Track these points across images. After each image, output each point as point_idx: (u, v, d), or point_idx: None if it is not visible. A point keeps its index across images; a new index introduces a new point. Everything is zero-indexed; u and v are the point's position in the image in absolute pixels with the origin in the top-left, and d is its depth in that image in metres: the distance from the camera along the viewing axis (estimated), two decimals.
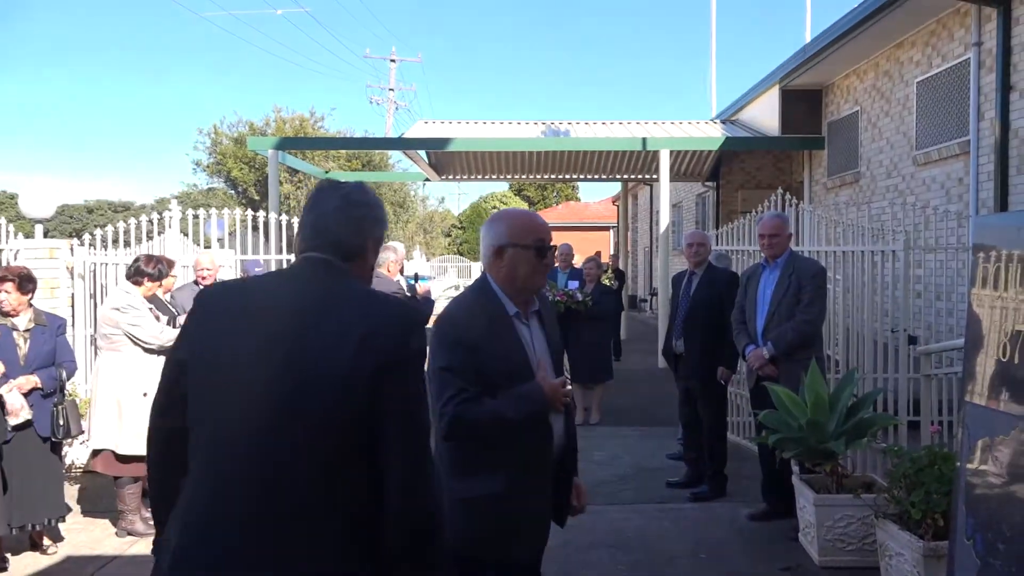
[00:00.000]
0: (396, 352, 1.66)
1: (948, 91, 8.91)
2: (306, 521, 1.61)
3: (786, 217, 5.27)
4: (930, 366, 5.79)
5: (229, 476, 1.65)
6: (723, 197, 14.83)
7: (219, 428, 1.69)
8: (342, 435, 1.63)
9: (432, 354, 2.26)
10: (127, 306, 5.01)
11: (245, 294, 1.87)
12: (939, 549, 3.57)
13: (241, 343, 1.71)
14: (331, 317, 1.69)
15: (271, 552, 1.61)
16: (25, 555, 4.69)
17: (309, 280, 1.79)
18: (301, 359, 1.65)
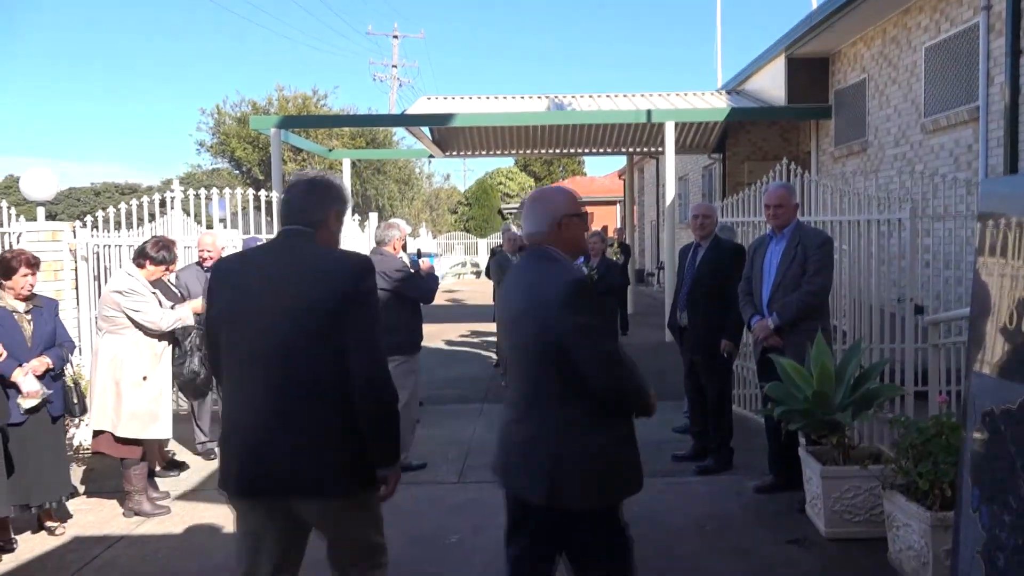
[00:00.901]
0: (353, 288, 2.52)
1: (957, 56, 8.77)
2: (313, 395, 2.50)
3: (792, 187, 5.20)
4: (938, 336, 5.73)
5: (260, 375, 2.52)
6: (729, 169, 14.71)
7: (248, 346, 2.55)
8: (326, 342, 2.49)
9: (581, 312, 2.62)
10: (129, 289, 4.99)
11: (247, 260, 2.78)
12: (947, 519, 3.55)
13: (253, 290, 2.58)
14: (312, 267, 2.57)
15: (296, 416, 2.50)
16: (34, 537, 4.71)
17: (290, 246, 2.63)
18: (295, 295, 2.52)
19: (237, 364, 2.59)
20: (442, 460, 6.12)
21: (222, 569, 4.21)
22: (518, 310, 2.76)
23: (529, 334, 2.70)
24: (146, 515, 5.02)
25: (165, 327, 5.08)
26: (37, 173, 6.96)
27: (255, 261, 2.70)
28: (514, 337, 2.80)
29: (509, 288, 2.88)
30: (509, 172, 55.83)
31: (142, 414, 4.98)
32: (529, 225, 2.85)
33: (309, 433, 2.49)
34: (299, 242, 2.63)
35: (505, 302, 2.91)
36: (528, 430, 2.71)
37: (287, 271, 2.57)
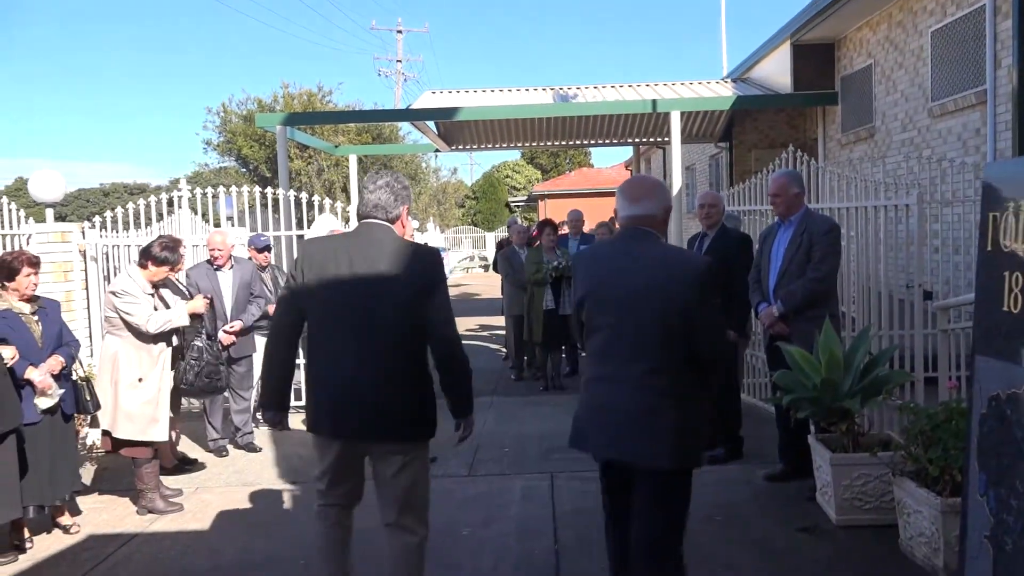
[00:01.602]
0: (434, 276, 3.16)
1: (963, 39, 8.69)
2: (404, 359, 3.12)
3: (794, 175, 5.16)
4: (947, 321, 5.70)
5: (353, 342, 3.09)
6: (736, 157, 14.62)
7: (342, 317, 3.11)
8: (410, 317, 3.09)
9: (710, 290, 2.97)
10: (122, 290, 5.00)
11: (332, 243, 3.35)
12: (958, 505, 3.51)
13: (338, 270, 3.12)
14: (397, 256, 3.14)
15: (384, 374, 3.08)
16: (48, 536, 4.75)
17: (378, 238, 3.19)
18: (384, 275, 3.09)
19: (331, 332, 3.15)
20: (452, 453, 6.13)
21: (236, 566, 4.25)
22: (641, 285, 2.95)
23: (657, 308, 2.91)
24: (159, 512, 5.06)
25: (151, 330, 5.01)
26: (45, 175, 6.99)
27: (348, 244, 3.22)
28: (629, 312, 2.97)
29: (615, 264, 3.07)
30: (516, 165, 55.77)
31: (137, 416, 4.99)
32: (639, 208, 3.09)
33: (391, 390, 3.10)
34: (384, 234, 3.20)
35: (611, 277, 3.05)
36: (648, 400, 2.92)
37: (378, 256, 3.13)
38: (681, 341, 2.90)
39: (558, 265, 8.15)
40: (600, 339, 3.07)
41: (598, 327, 3.08)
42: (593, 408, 3.09)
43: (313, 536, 3.44)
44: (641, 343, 2.95)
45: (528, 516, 4.79)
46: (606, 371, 3.04)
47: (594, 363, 3.12)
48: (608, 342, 3.04)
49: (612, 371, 3.02)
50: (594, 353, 3.10)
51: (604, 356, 3.06)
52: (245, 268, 6.56)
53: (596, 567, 4.01)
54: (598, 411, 3.06)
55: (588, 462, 5.67)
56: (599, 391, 3.07)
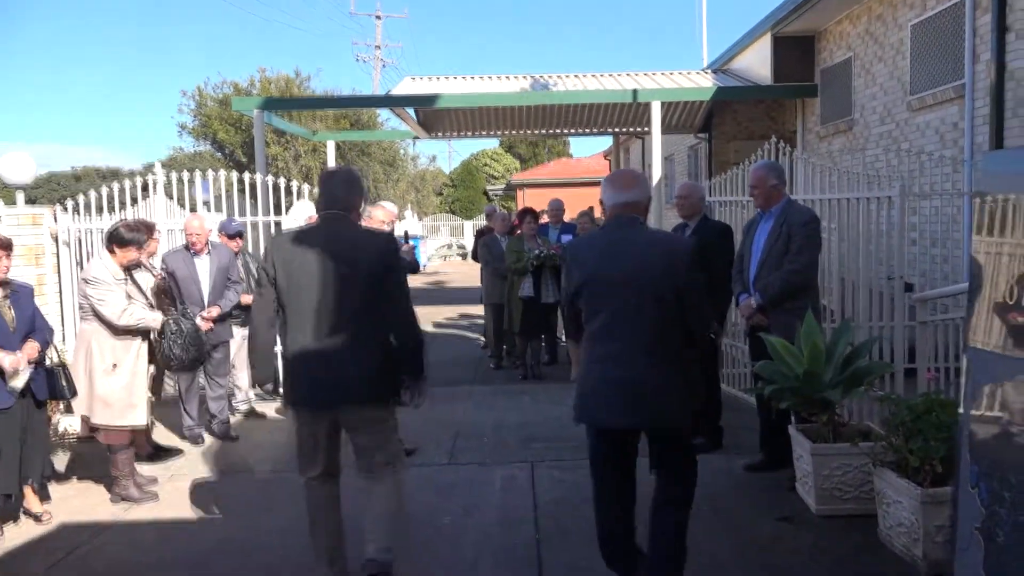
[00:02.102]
0: (389, 257, 3.56)
1: (943, 34, 8.75)
2: (364, 332, 3.49)
3: (772, 166, 5.17)
4: (926, 313, 5.75)
5: (323, 322, 3.48)
6: (715, 149, 14.67)
7: (313, 299, 3.48)
8: (372, 296, 3.49)
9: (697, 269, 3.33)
10: (94, 278, 4.90)
11: (299, 236, 3.66)
12: (938, 495, 3.56)
13: (309, 259, 3.50)
14: (357, 243, 3.55)
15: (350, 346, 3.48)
16: (19, 524, 4.66)
17: (336, 226, 3.59)
18: (347, 262, 3.48)
19: (302, 316, 3.51)
20: (432, 442, 6.10)
21: (212, 554, 4.19)
22: (639, 267, 3.27)
23: (654, 287, 3.24)
24: (134, 501, 4.98)
25: (120, 324, 4.90)
26: (15, 156, 6.86)
27: (310, 237, 3.60)
28: (630, 292, 3.26)
29: (613, 249, 3.34)
30: (494, 154, 55.59)
31: (114, 402, 4.91)
32: (629, 195, 3.41)
33: (359, 362, 3.49)
34: (343, 223, 3.60)
35: (610, 262, 3.32)
36: (657, 370, 3.25)
37: (340, 245, 3.52)
38: (675, 315, 3.26)
39: (539, 254, 8.08)
40: (603, 320, 3.31)
41: (600, 309, 3.31)
42: (605, 382, 3.30)
43: (305, 510, 3.71)
44: (643, 320, 3.25)
45: (509, 505, 4.77)
46: (613, 348, 3.28)
47: (599, 342, 3.32)
48: (613, 321, 3.29)
49: (620, 348, 3.27)
50: (598, 333, 3.32)
51: (609, 335, 3.29)
52: (223, 253, 6.46)
53: (577, 556, 4.01)
54: (612, 385, 3.28)
55: (568, 451, 5.72)
56: (609, 367, 3.29)
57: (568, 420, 6.52)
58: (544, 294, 8.20)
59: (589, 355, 3.38)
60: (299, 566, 4.00)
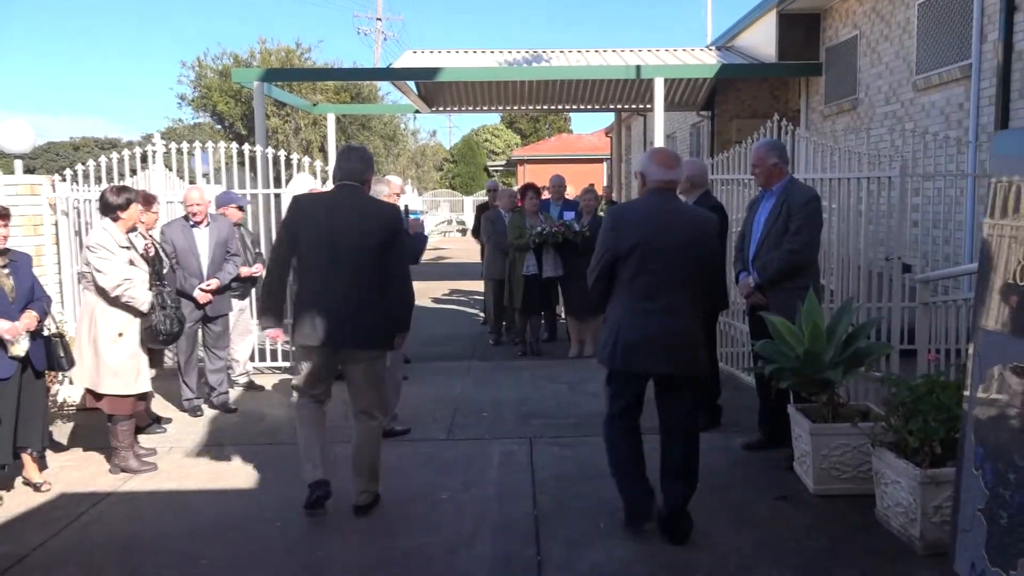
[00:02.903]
0: (395, 227, 4.13)
1: (950, 13, 8.67)
2: (372, 289, 4.08)
3: (772, 145, 5.12)
4: (927, 294, 5.73)
5: (337, 274, 4.06)
6: (718, 127, 14.59)
7: (325, 259, 4.06)
8: (377, 256, 4.07)
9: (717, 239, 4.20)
10: (96, 244, 4.87)
11: (319, 199, 4.38)
12: (936, 476, 3.57)
13: (325, 220, 4.07)
14: (370, 211, 4.17)
15: (358, 300, 4.05)
16: (18, 493, 4.67)
17: (351, 195, 4.18)
18: (359, 227, 4.06)
19: (320, 266, 4.10)
20: (430, 417, 6.10)
21: (212, 526, 4.20)
22: (685, 237, 3.83)
23: (694, 255, 3.84)
24: (133, 472, 4.98)
25: (113, 293, 4.84)
26: (14, 125, 6.79)
27: (326, 201, 4.24)
28: (685, 261, 3.82)
29: (667, 221, 3.84)
30: (495, 129, 55.35)
31: (122, 371, 4.91)
32: (675, 173, 3.97)
33: (362, 312, 4.10)
34: (358, 192, 4.20)
35: (662, 231, 3.81)
36: (690, 325, 3.88)
37: (354, 211, 4.12)
38: (702, 280, 3.93)
39: (543, 231, 8.02)
40: (649, 279, 3.80)
41: (650, 270, 3.79)
42: (650, 333, 3.80)
43: (297, 420, 4.40)
44: (683, 282, 3.83)
45: (507, 481, 4.78)
46: (658, 304, 3.80)
47: (642, 298, 3.81)
48: (660, 281, 3.80)
49: (665, 304, 3.81)
50: (644, 292, 3.80)
51: (655, 292, 3.80)
52: (222, 226, 6.43)
53: (575, 532, 4.02)
54: (655, 336, 3.80)
55: (567, 428, 5.73)
56: (653, 320, 3.79)
57: (567, 397, 6.58)
58: (545, 270, 8.17)
59: (630, 310, 3.83)
60: (297, 538, 4.02)
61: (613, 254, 3.84)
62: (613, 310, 3.92)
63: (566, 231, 7.99)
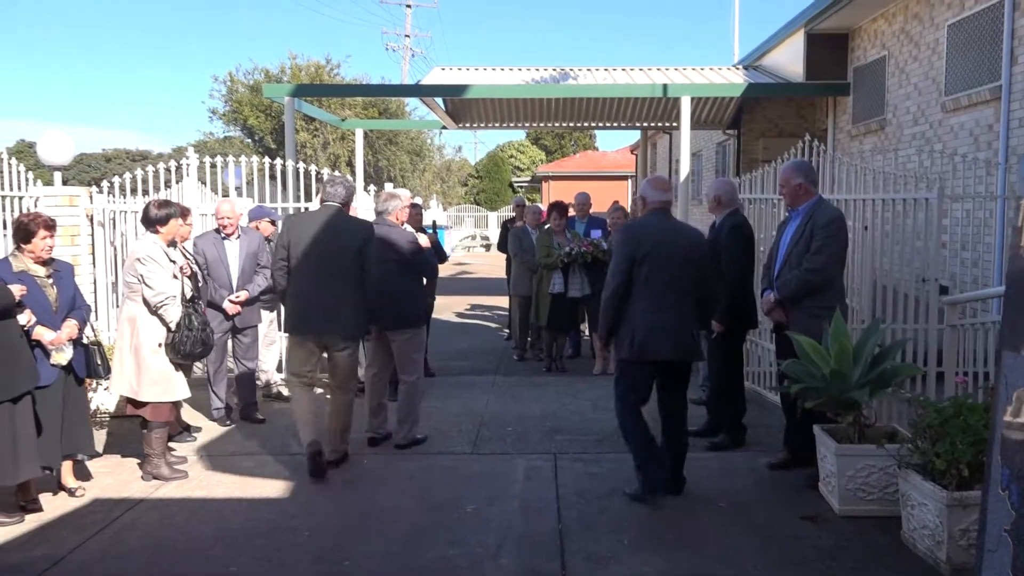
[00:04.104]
0: (366, 239, 5.17)
1: (980, 34, 8.64)
2: (348, 289, 5.11)
3: (798, 165, 5.14)
4: (955, 316, 5.70)
5: (322, 277, 5.06)
6: (744, 145, 14.57)
7: (311, 264, 5.07)
8: (353, 264, 5.10)
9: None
10: (147, 256, 5.00)
11: (308, 216, 5.47)
12: (964, 499, 3.56)
13: (313, 234, 5.08)
14: (346, 227, 5.21)
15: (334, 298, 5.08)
16: (54, 498, 4.77)
17: (336, 214, 5.22)
18: (338, 238, 5.11)
19: (304, 270, 5.09)
20: (455, 431, 6.15)
21: (241, 533, 4.27)
22: (687, 247, 4.63)
23: (695, 263, 4.63)
24: (164, 479, 5.08)
25: (156, 305, 4.99)
26: (54, 137, 6.95)
27: (321, 219, 5.20)
28: (684, 265, 4.58)
29: (668, 233, 4.64)
30: (520, 145, 55.57)
31: (162, 378, 5.03)
32: (668, 195, 4.80)
33: (344, 307, 5.10)
34: (338, 213, 5.24)
35: (666, 242, 4.58)
36: (686, 318, 4.63)
37: (337, 226, 5.16)
38: (705, 281, 4.72)
39: (571, 251, 8.05)
40: (660, 283, 4.54)
41: (660, 275, 4.53)
42: (660, 328, 4.53)
43: (292, 398, 5.40)
44: (685, 284, 4.60)
45: (532, 496, 4.81)
46: (667, 303, 4.56)
47: (653, 297, 4.54)
48: (669, 285, 4.55)
49: (673, 303, 4.57)
50: (655, 292, 4.53)
51: (665, 294, 4.55)
52: (252, 238, 6.55)
53: (599, 548, 4.04)
54: (665, 329, 4.54)
55: (591, 444, 5.76)
56: (663, 317, 4.54)
57: (591, 414, 6.61)
58: (572, 289, 8.17)
59: (644, 307, 4.54)
60: (324, 547, 4.08)
61: (630, 261, 4.54)
62: (630, 312, 4.59)
63: (595, 250, 8.03)
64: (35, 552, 4.06)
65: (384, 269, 5.54)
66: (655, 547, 4.06)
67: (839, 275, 5.08)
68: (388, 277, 5.56)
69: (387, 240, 5.62)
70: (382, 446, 5.75)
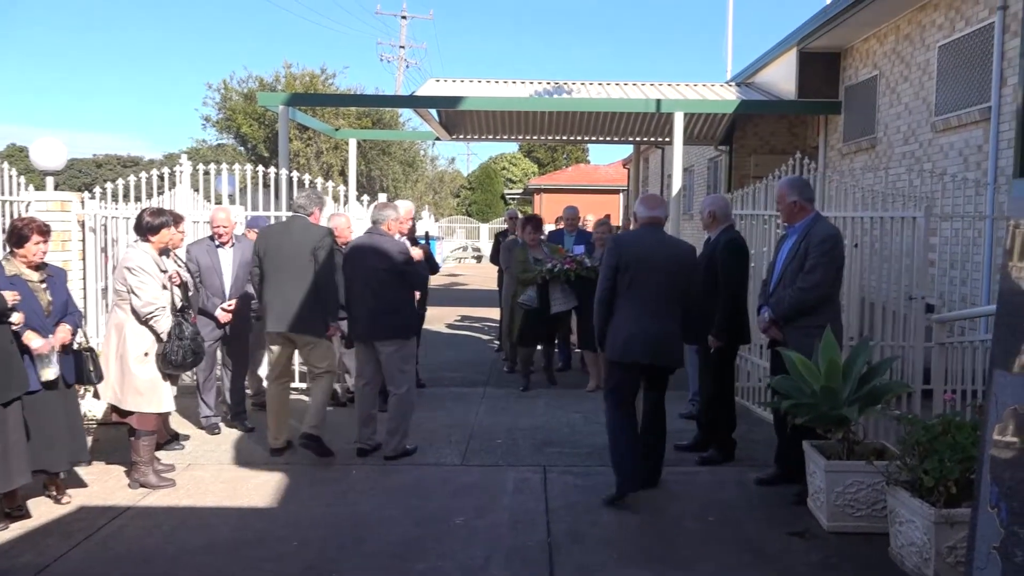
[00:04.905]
0: (323, 242, 5.65)
1: (970, 56, 8.74)
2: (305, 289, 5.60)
3: (792, 183, 5.12)
4: (944, 335, 5.74)
5: (289, 279, 5.61)
6: (736, 161, 14.67)
7: (275, 268, 5.65)
8: (313, 263, 5.61)
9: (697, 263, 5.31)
10: (137, 267, 4.98)
11: (281, 227, 5.90)
12: (951, 516, 3.58)
13: (281, 242, 5.66)
14: (304, 232, 5.68)
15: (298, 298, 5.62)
16: (40, 504, 4.74)
17: (300, 222, 5.76)
18: (301, 244, 5.62)
19: (273, 273, 5.64)
20: (445, 442, 6.14)
21: (229, 543, 4.25)
22: (670, 259, 4.91)
23: (678, 274, 4.90)
24: (152, 487, 5.05)
25: (144, 315, 4.97)
26: (47, 142, 6.95)
27: (286, 227, 5.80)
28: (666, 275, 4.87)
29: (653, 246, 4.93)
30: (513, 158, 55.70)
31: (145, 389, 4.99)
32: (658, 212, 5.14)
33: (307, 305, 5.59)
34: (304, 221, 5.75)
35: (649, 254, 4.89)
36: (673, 328, 4.92)
37: (299, 233, 5.66)
38: (686, 291, 4.97)
39: (553, 267, 7.75)
40: (643, 291, 4.84)
41: (641, 283, 4.84)
42: (638, 334, 4.82)
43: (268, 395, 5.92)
44: (669, 294, 4.89)
45: (521, 508, 4.81)
46: (649, 310, 4.85)
47: (636, 305, 4.85)
48: (651, 293, 4.85)
49: (654, 310, 4.85)
50: (636, 299, 4.85)
51: (647, 301, 4.85)
52: (246, 247, 6.53)
53: (588, 560, 4.04)
54: (643, 335, 4.82)
55: (581, 457, 5.76)
56: (645, 323, 4.83)
57: (581, 426, 6.62)
58: (553, 304, 7.93)
59: (627, 314, 4.86)
60: (313, 557, 4.06)
61: (614, 270, 4.89)
62: (615, 317, 4.92)
63: (577, 267, 7.74)
64: (20, 559, 4.02)
65: (373, 279, 5.57)
66: (644, 561, 4.07)
67: (835, 293, 5.06)
68: (376, 287, 5.57)
69: (377, 249, 5.63)
70: (371, 457, 5.73)
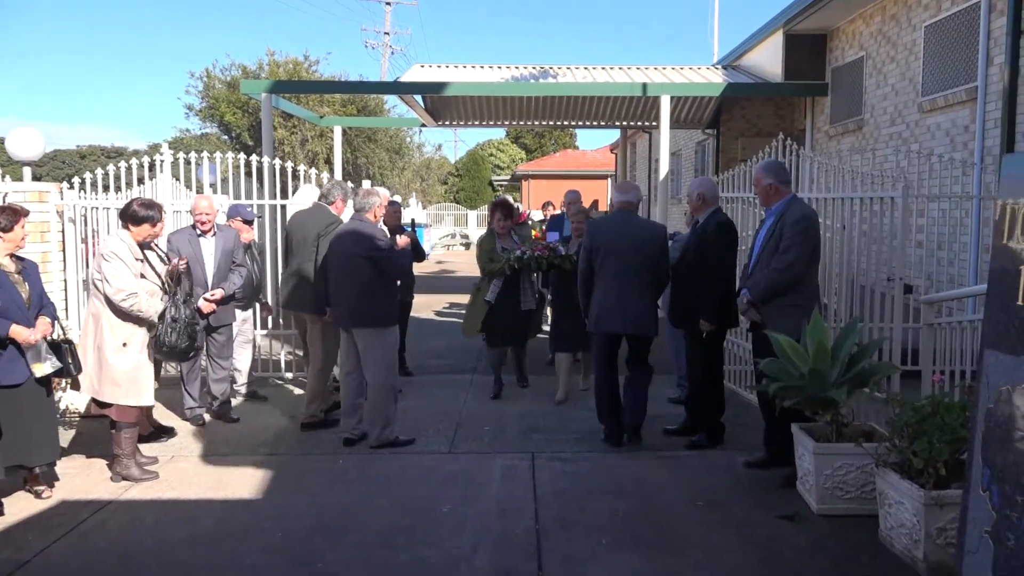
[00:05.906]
0: (326, 230, 6.12)
1: (956, 36, 8.71)
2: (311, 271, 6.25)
3: (768, 166, 5.15)
4: (932, 315, 5.73)
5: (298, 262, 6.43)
6: (723, 145, 14.64)
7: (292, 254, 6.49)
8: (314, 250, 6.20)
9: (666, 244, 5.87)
10: (111, 253, 4.89)
11: (305, 211, 6.73)
12: (940, 498, 3.56)
13: (304, 227, 6.41)
14: (314, 218, 6.41)
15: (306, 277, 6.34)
16: (19, 500, 4.66)
17: (319, 210, 6.53)
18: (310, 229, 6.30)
19: (292, 256, 6.39)
20: (432, 430, 6.10)
21: (212, 535, 4.19)
22: (639, 239, 5.54)
23: (647, 252, 5.52)
24: (134, 480, 4.98)
25: (117, 304, 4.86)
26: (24, 132, 6.83)
27: (309, 213, 6.53)
28: (633, 255, 5.50)
29: (622, 229, 5.58)
30: (500, 144, 55.53)
31: (123, 380, 4.91)
32: (629, 196, 5.74)
33: (309, 286, 6.16)
34: (323, 209, 6.44)
35: (618, 236, 5.54)
36: (643, 300, 5.54)
37: (311, 218, 6.37)
38: (653, 270, 5.55)
39: (522, 255, 6.86)
40: (612, 270, 5.49)
41: (612, 263, 5.49)
42: (612, 304, 5.50)
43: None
44: (638, 269, 5.50)
45: (509, 495, 4.77)
46: (619, 283, 5.48)
47: (609, 282, 5.51)
48: (621, 269, 5.48)
49: (623, 283, 5.48)
50: (609, 277, 5.51)
51: (617, 276, 5.49)
52: (228, 236, 6.45)
53: (576, 548, 4.01)
54: (617, 306, 5.49)
55: (569, 443, 5.73)
56: (614, 295, 5.48)
57: (570, 412, 6.57)
58: (524, 300, 7.13)
59: (602, 291, 5.52)
60: (298, 548, 4.01)
61: (588, 251, 5.57)
62: (594, 295, 5.57)
63: (550, 255, 6.86)
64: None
65: (350, 265, 5.49)
66: (633, 547, 4.03)
67: (811, 273, 5.06)
68: (353, 273, 5.48)
69: (356, 235, 5.53)
70: (358, 446, 5.68)
